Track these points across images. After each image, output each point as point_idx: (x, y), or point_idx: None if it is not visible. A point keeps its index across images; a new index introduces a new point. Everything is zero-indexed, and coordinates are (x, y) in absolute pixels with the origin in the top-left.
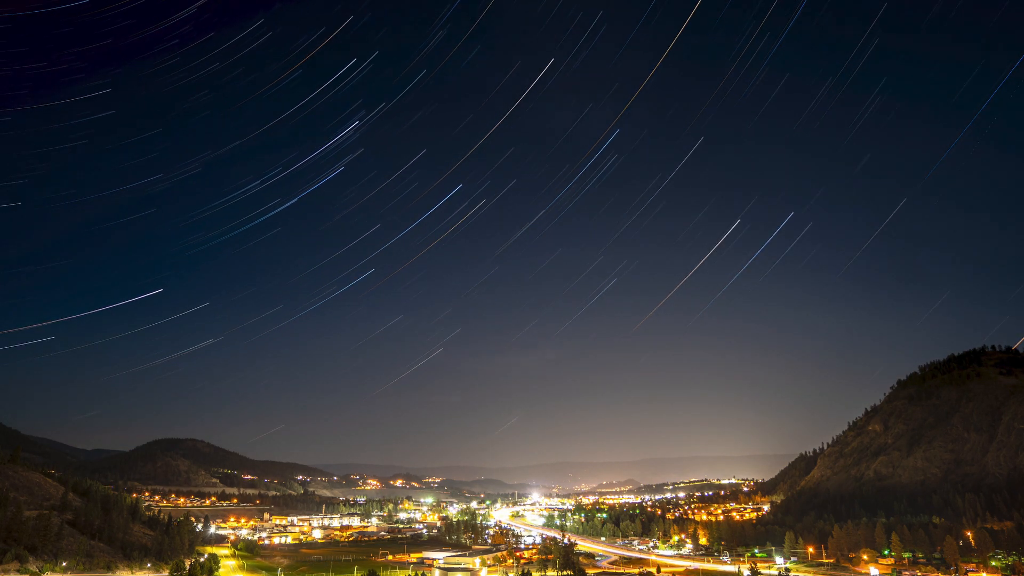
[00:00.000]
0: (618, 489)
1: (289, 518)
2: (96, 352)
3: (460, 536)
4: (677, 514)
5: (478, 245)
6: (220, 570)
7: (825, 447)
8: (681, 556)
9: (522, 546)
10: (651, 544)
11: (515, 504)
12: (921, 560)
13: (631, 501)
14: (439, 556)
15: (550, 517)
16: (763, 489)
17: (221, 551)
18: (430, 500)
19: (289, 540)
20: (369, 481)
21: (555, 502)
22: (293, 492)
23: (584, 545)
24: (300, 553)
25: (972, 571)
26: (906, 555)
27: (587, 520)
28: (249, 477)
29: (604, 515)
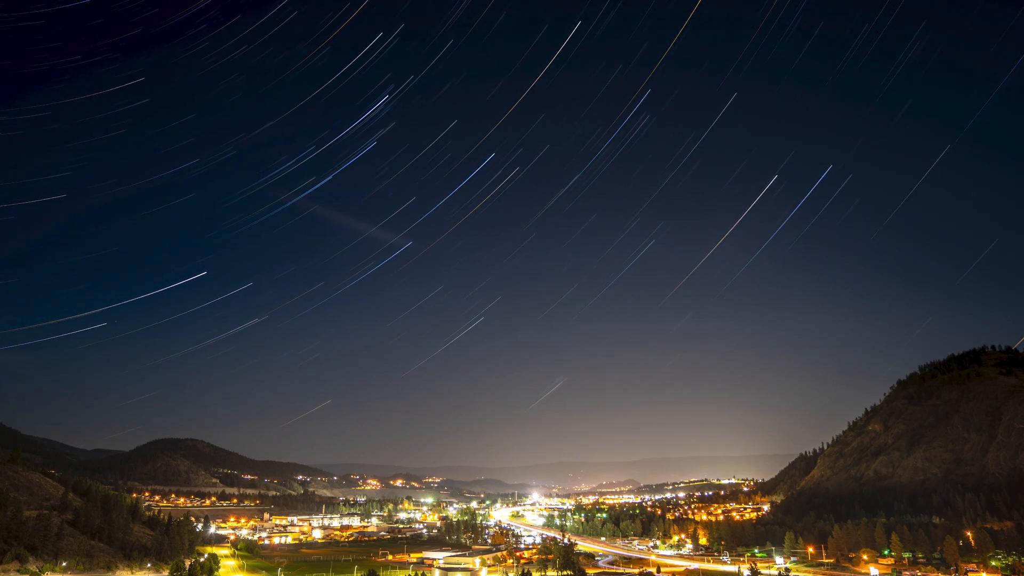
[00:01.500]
0: (618, 489)
1: (289, 518)
2: (147, 336)
3: (460, 536)
4: (677, 514)
5: (513, 213)
6: (220, 570)
7: (825, 447)
8: (681, 556)
9: (522, 546)
10: (651, 544)
11: (515, 504)
12: (921, 560)
13: (631, 501)
14: (439, 556)
15: (550, 517)
16: (763, 489)
17: (221, 551)
18: (430, 500)
19: (289, 540)
20: (369, 481)
21: (555, 502)
22: (293, 492)
23: (584, 545)
24: (300, 553)
25: (972, 571)
26: (906, 555)
27: (587, 520)
28: (249, 477)
29: (604, 515)
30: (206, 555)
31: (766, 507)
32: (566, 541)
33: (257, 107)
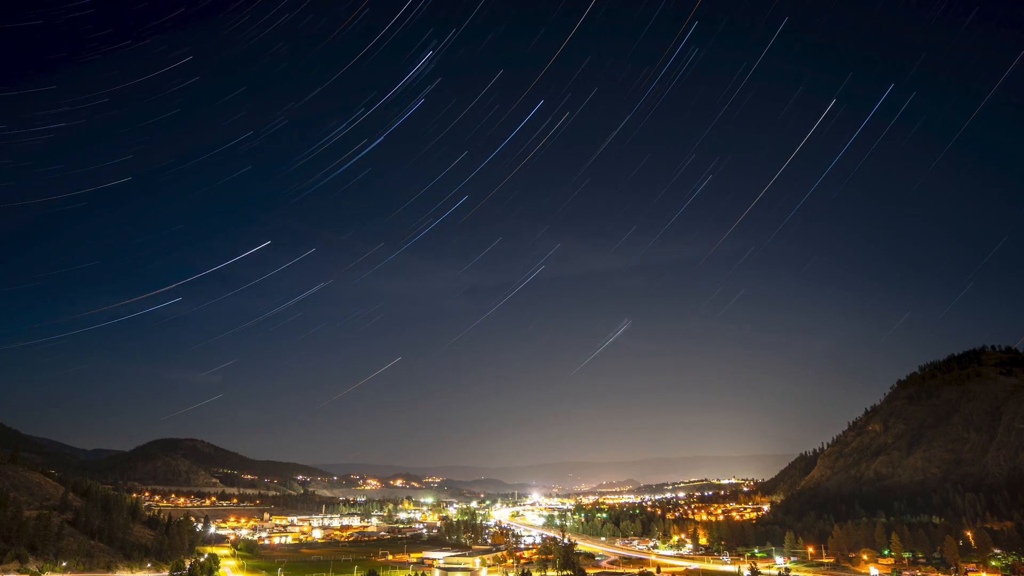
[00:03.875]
0: (618, 489)
1: (289, 518)
2: (219, 307)
3: (460, 536)
4: (677, 514)
5: (567, 158)
6: (220, 570)
7: (825, 447)
8: (681, 556)
9: (522, 546)
10: (651, 544)
11: (515, 504)
12: (921, 560)
13: (631, 501)
14: (439, 556)
15: (550, 517)
16: (763, 489)
17: (221, 551)
18: (430, 500)
19: (289, 540)
20: (369, 481)
21: (555, 502)
22: (293, 492)
23: (584, 545)
24: (300, 553)
25: (972, 571)
26: (906, 555)
27: (587, 520)
28: (249, 477)
29: (604, 515)
30: (206, 555)
31: (766, 507)
32: (566, 541)
33: (303, 75)
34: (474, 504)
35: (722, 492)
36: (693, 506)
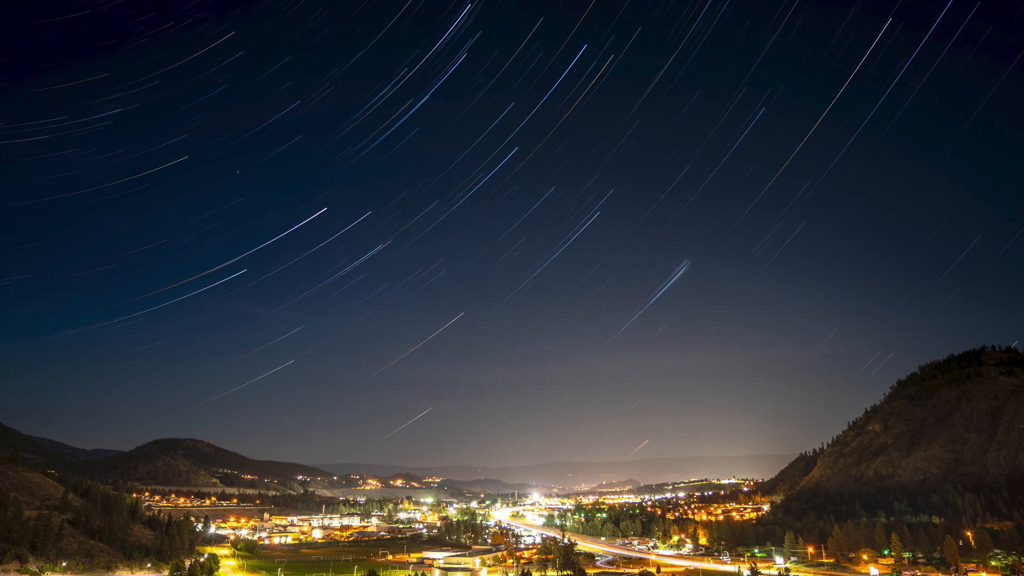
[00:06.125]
0: (618, 489)
1: (289, 518)
2: (283, 277)
3: (460, 536)
4: (677, 514)
5: (614, 102)
6: (220, 570)
7: (825, 447)
8: (681, 556)
9: (522, 546)
10: (651, 544)
11: (515, 504)
12: (921, 560)
13: (631, 501)
14: (439, 556)
15: (550, 517)
16: (763, 489)
17: (221, 551)
18: (430, 500)
19: (289, 540)
20: (369, 481)
21: (555, 502)
22: (293, 492)
23: (584, 545)
24: (300, 553)
25: (972, 571)
26: (906, 555)
27: (587, 520)
28: (249, 477)
29: (604, 515)
30: (206, 555)
31: (766, 507)
32: (566, 541)
33: (344, 40)
34: (474, 504)
35: (722, 492)
36: (693, 506)
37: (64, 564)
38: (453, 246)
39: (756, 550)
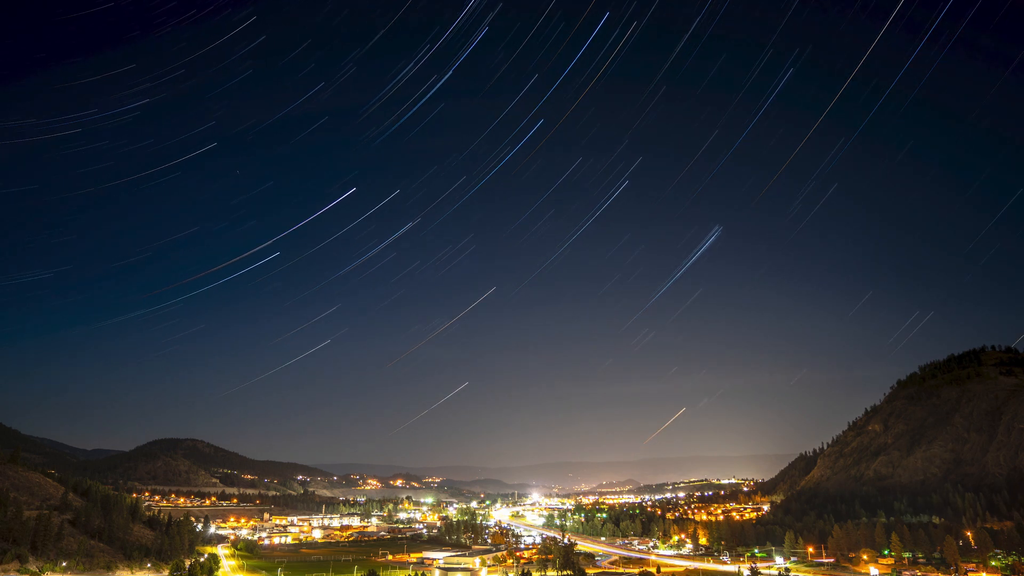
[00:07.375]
0: (618, 489)
1: (289, 518)
2: (316, 258)
3: (460, 536)
4: (677, 514)
5: (640, 68)
6: (220, 570)
7: (825, 447)
8: (681, 556)
9: (522, 546)
10: (651, 544)
11: (515, 504)
12: (921, 560)
13: (631, 501)
14: (439, 556)
15: (550, 517)
16: (763, 489)
17: (221, 551)
18: (430, 500)
19: (289, 540)
20: (369, 481)
21: (555, 502)
22: (293, 492)
23: (584, 545)
24: (300, 553)
25: (972, 571)
26: (906, 555)
27: (587, 520)
28: (249, 477)
29: (604, 515)
30: (206, 555)
31: (766, 507)
32: (566, 541)
33: (365, 19)
34: (474, 504)
35: (722, 492)
36: (693, 506)
37: (64, 564)
38: (483, 220)
39: (756, 550)
